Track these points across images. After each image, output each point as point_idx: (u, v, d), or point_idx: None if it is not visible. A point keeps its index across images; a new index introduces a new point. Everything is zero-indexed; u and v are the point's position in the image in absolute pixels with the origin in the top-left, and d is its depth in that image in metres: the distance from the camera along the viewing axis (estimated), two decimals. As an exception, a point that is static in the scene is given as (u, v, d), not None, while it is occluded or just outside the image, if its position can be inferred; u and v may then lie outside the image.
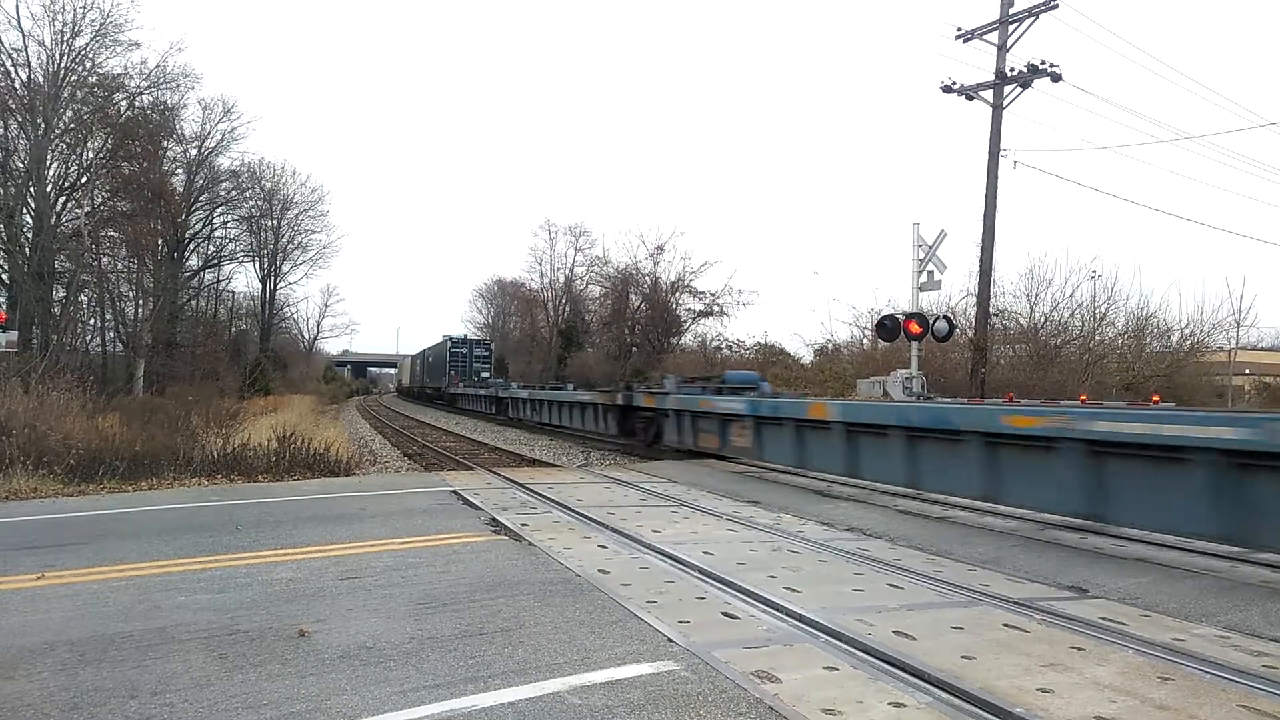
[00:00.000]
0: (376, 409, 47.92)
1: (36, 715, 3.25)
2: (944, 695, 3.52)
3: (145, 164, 31.45)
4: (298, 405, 31.74)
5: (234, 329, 49.70)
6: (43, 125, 27.66)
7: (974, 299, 20.09)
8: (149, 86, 31.41)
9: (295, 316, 69.18)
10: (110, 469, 10.97)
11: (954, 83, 18.88)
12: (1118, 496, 6.93)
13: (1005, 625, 4.58)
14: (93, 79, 29.38)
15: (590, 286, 54.56)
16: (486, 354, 49.98)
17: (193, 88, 36.59)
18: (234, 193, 43.85)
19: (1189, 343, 22.69)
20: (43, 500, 9.34)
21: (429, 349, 58.36)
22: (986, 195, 18.51)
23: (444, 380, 46.48)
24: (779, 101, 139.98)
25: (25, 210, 28.13)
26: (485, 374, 45.86)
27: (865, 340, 28.95)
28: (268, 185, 49.77)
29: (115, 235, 31.56)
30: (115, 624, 4.44)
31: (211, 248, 44.20)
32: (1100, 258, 45.13)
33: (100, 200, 30.64)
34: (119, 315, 33.09)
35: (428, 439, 22.45)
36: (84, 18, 28.21)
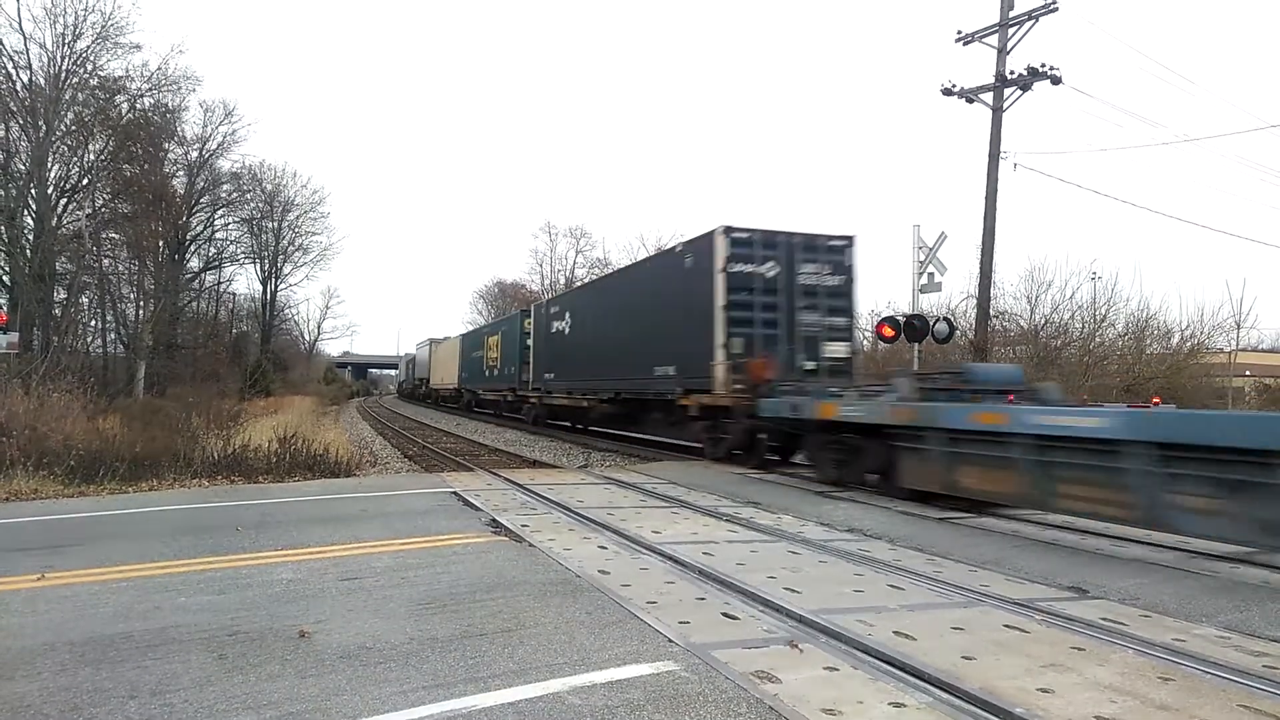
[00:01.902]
0: (378, 410, 47.71)
1: (36, 716, 3.25)
2: (944, 695, 3.52)
3: (146, 166, 31.45)
4: (298, 406, 31.71)
5: (235, 330, 49.66)
6: (44, 127, 27.64)
7: (974, 301, 20.06)
8: (150, 89, 31.34)
9: (296, 318, 69.04)
10: (111, 470, 10.96)
11: (954, 85, 18.86)
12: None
13: (1005, 625, 4.58)
14: (94, 81, 29.34)
15: (591, 288, 54.34)
16: (842, 285, 14.31)
17: (194, 90, 36.21)
18: (235, 194, 43.83)
19: (1189, 344, 22.63)
20: (43, 501, 9.36)
21: (599, 281, 27.88)
22: (986, 198, 18.49)
23: (682, 366, 14.62)
24: (779, 103, 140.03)
25: (26, 212, 28.09)
26: (840, 345, 14.19)
27: (865, 342, 28.90)
28: (269, 187, 49.64)
29: (116, 237, 31.57)
30: (115, 625, 4.45)
31: (212, 249, 44.16)
32: (1100, 259, 45.30)
33: (101, 202, 30.63)
34: (120, 317, 33.08)
35: (428, 440, 22.46)
36: (85, 20, 28.19)
